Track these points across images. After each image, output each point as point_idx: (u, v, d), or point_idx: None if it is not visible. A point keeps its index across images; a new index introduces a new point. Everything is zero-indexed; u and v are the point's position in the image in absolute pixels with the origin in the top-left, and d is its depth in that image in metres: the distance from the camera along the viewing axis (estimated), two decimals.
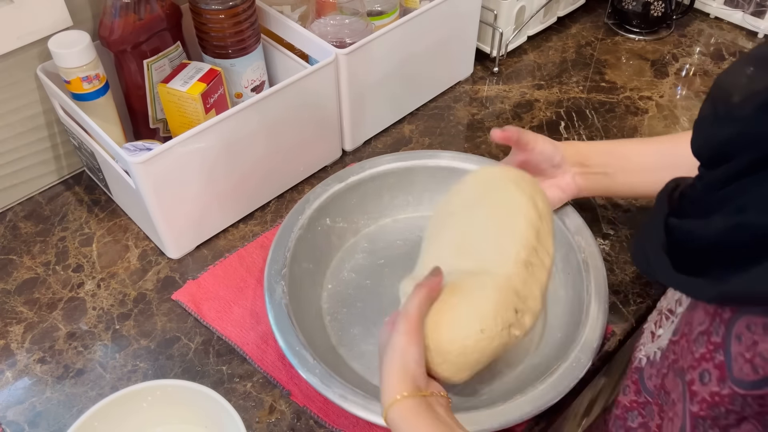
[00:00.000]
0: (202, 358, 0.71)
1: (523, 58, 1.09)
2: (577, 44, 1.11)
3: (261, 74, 0.87)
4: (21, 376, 0.70)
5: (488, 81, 1.05)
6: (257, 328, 0.73)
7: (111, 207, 0.86)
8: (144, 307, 0.76)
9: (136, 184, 0.72)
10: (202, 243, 0.82)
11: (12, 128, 0.81)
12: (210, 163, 0.75)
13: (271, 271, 0.71)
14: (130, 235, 0.83)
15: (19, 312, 0.76)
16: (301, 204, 0.77)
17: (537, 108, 1.00)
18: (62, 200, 0.87)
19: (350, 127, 0.90)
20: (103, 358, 0.72)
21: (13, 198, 0.87)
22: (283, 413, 0.67)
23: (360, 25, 0.86)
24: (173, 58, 0.82)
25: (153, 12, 0.77)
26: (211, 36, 0.80)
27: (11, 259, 0.81)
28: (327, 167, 0.91)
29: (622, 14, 1.13)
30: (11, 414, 0.67)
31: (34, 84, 0.80)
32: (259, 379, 0.69)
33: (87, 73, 0.74)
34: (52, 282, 0.78)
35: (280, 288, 0.70)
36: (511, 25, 1.04)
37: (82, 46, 0.72)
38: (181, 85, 0.77)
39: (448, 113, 0.99)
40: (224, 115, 0.73)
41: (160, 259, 0.81)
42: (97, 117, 0.75)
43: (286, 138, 0.82)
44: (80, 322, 0.75)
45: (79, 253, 0.81)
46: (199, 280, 0.77)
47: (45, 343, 0.73)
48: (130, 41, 0.77)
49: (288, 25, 0.85)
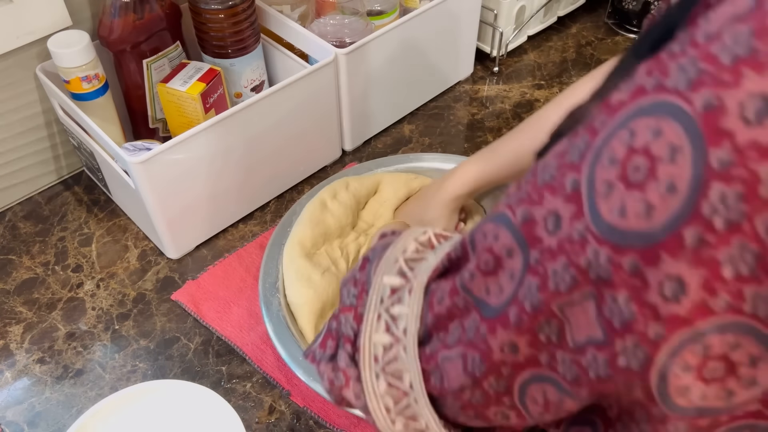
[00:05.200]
0: (202, 358, 0.71)
1: (523, 57, 1.09)
2: (578, 44, 1.11)
3: (261, 74, 0.87)
4: (20, 376, 0.70)
5: (488, 81, 1.04)
6: (257, 328, 0.72)
7: (110, 207, 0.86)
8: (143, 308, 0.76)
9: (135, 184, 0.72)
10: (201, 243, 0.82)
11: (11, 128, 0.81)
12: (209, 163, 0.75)
13: (265, 285, 0.71)
14: (129, 235, 0.83)
15: (18, 312, 0.76)
16: (288, 216, 0.77)
17: (537, 108, 1.00)
18: (61, 200, 0.87)
19: (350, 127, 0.90)
20: (102, 358, 0.72)
21: (13, 198, 0.86)
22: (282, 413, 0.67)
23: (360, 24, 0.86)
24: (173, 58, 0.82)
25: (152, 12, 0.77)
26: (210, 36, 0.80)
27: (10, 259, 0.81)
28: (327, 167, 0.91)
29: (622, 14, 1.13)
30: (10, 414, 0.67)
31: (33, 84, 0.80)
32: (259, 379, 0.69)
33: (86, 73, 0.74)
34: (52, 282, 0.78)
35: (276, 300, 0.70)
36: (511, 25, 1.04)
37: (81, 46, 0.72)
38: (180, 84, 0.77)
39: (448, 113, 0.99)
40: (224, 114, 0.73)
41: (160, 259, 0.80)
42: (96, 117, 0.74)
43: (286, 138, 0.82)
44: (79, 323, 0.75)
45: (78, 253, 0.81)
46: (198, 281, 0.77)
47: (44, 344, 0.73)
48: (130, 41, 0.77)
49: (288, 24, 0.85)
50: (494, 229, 0.33)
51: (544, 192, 0.30)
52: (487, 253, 0.33)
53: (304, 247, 0.73)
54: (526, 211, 0.31)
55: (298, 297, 0.69)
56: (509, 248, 0.32)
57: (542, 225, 0.30)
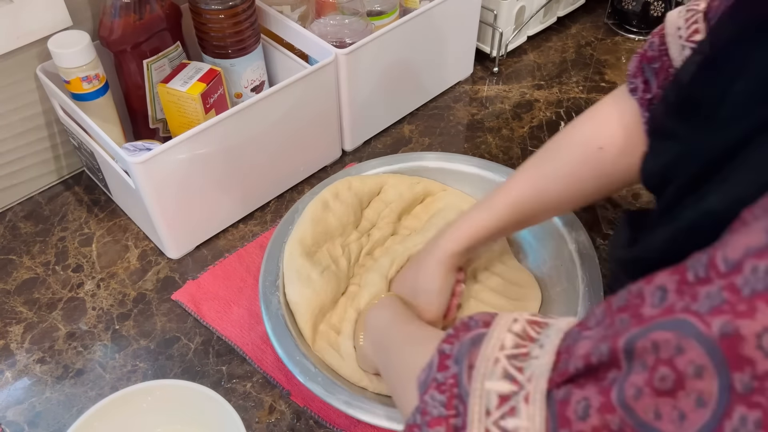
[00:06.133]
0: (202, 358, 0.71)
1: (522, 58, 1.09)
2: (577, 44, 1.11)
3: (261, 74, 0.87)
4: (21, 376, 0.70)
5: (488, 81, 1.05)
6: (257, 328, 0.73)
7: (111, 207, 0.86)
8: (144, 308, 0.76)
9: (135, 184, 0.72)
10: (201, 243, 0.82)
11: (12, 128, 0.81)
12: (209, 164, 0.75)
13: (265, 283, 0.71)
14: (129, 235, 0.83)
15: (18, 312, 0.76)
16: (291, 214, 0.77)
17: (537, 108, 1.00)
18: (62, 200, 0.87)
19: (350, 127, 0.90)
20: (102, 358, 0.72)
21: (13, 198, 0.87)
22: (282, 413, 0.67)
23: (360, 25, 0.86)
24: (173, 58, 0.82)
25: (153, 12, 0.77)
26: (210, 36, 0.80)
27: (11, 259, 0.81)
28: (327, 167, 0.91)
29: (621, 14, 1.13)
30: (11, 414, 0.67)
31: (33, 84, 0.80)
32: (259, 379, 0.69)
33: (87, 73, 0.74)
34: (52, 282, 0.78)
35: (275, 299, 0.70)
36: (511, 25, 1.04)
37: (81, 46, 0.72)
38: (180, 85, 0.77)
39: (448, 113, 0.99)
40: (224, 115, 0.73)
41: (160, 259, 0.80)
42: (96, 117, 0.75)
43: (286, 138, 0.82)
44: (80, 322, 0.75)
45: (78, 253, 0.81)
46: (198, 281, 0.77)
47: (45, 343, 0.73)
48: (130, 41, 0.77)
49: (288, 25, 0.85)
50: (677, 341, 0.28)
51: (756, 302, 0.26)
52: (666, 367, 0.28)
53: (304, 246, 0.73)
54: (727, 323, 0.27)
55: (297, 296, 0.69)
56: (699, 366, 0.27)
57: (754, 343, 0.26)
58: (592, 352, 0.32)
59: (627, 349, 0.30)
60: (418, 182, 0.82)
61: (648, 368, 0.29)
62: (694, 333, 0.28)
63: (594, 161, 0.61)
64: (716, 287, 0.27)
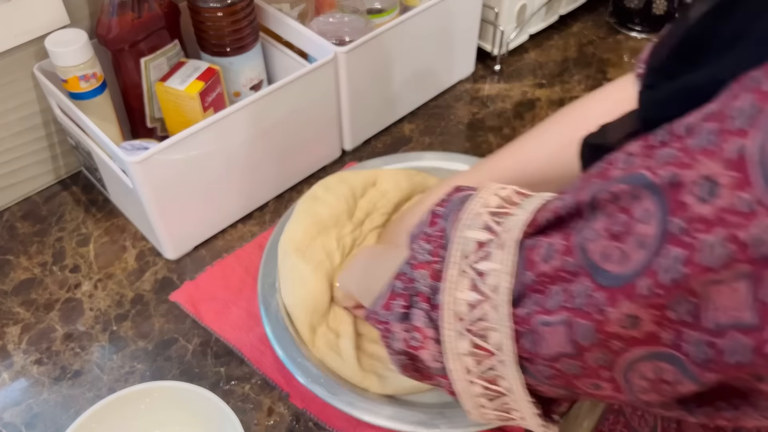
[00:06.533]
0: (200, 359, 0.71)
1: (524, 56, 1.08)
2: (579, 43, 1.11)
3: (260, 73, 0.86)
4: (18, 377, 0.70)
5: (489, 80, 1.04)
6: (256, 329, 0.72)
7: (108, 207, 0.86)
8: (141, 308, 0.75)
9: (133, 183, 0.71)
10: (200, 243, 0.81)
11: (8, 127, 0.80)
12: (208, 163, 0.74)
13: (264, 285, 0.71)
14: (127, 235, 0.83)
15: (15, 313, 0.75)
16: (288, 215, 0.76)
17: (538, 107, 0.99)
18: (59, 200, 0.87)
19: (350, 126, 0.89)
20: (100, 359, 0.71)
21: (10, 198, 0.86)
22: (282, 415, 0.66)
23: (359, 23, 0.86)
24: (171, 57, 0.82)
25: (151, 10, 0.77)
26: (209, 34, 0.79)
27: (8, 259, 0.80)
28: (326, 167, 0.90)
29: (624, 12, 1.12)
30: (8, 416, 0.67)
31: (30, 83, 0.79)
32: (258, 380, 0.69)
33: (84, 72, 0.74)
34: (49, 282, 0.78)
35: (275, 301, 0.69)
36: (513, 24, 1.04)
37: (79, 45, 0.72)
38: (179, 83, 0.76)
39: (449, 112, 0.98)
40: (222, 113, 0.72)
41: (158, 260, 0.80)
42: (94, 116, 0.74)
43: (285, 137, 0.81)
44: (77, 323, 0.74)
45: (76, 254, 0.81)
46: (197, 281, 0.77)
47: (42, 344, 0.72)
48: (128, 40, 0.76)
49: (287, 23, 0.84)
50: (631, 191, 0.31)
51: (697, 155, 0.28)
52: (623, 215, 0.31)
53: (294, 241, 0.71)
54: (674, 174, 0.29)
55: (292, 298, 0.69)
56: (647, 212, 0.30)
57: (691, 190, 0.28)
58: (562, 207, 0.36)
59: (591, 202, 0.33)
60: (417, 173, 0.80)
61: (608, 215, 0.32)
62: (646, 183, 0.30)
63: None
64: (673, 149, 0.30)
